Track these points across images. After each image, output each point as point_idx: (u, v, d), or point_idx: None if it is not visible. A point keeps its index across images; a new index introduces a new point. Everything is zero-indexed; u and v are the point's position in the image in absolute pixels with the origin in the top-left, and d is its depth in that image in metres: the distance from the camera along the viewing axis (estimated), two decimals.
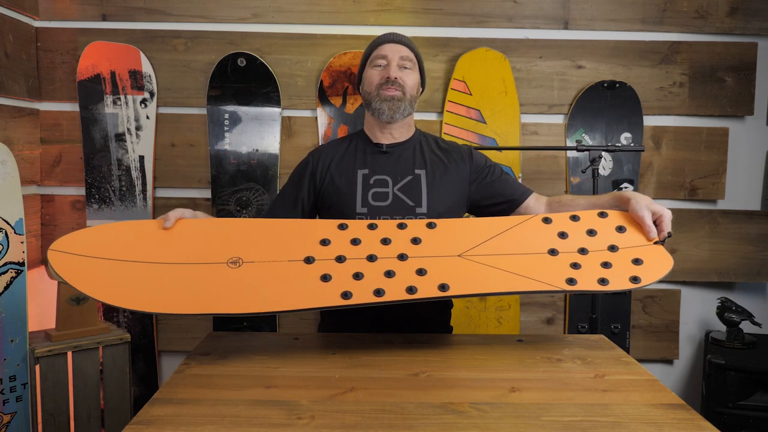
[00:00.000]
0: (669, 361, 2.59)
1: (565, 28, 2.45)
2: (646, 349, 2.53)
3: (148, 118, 2.40)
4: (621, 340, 2.47)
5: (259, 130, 2.41)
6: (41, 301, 2.31)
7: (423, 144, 1.62)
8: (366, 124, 1.65)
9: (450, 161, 1.59)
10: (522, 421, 0.97)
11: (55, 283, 2.02)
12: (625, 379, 1.15)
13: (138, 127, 2.39)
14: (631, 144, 2.41)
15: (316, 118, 2.44)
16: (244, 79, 2.38)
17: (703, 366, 2.49)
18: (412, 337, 1.40)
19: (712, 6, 2.44)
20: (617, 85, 2.42)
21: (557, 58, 2.45)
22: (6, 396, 1.89)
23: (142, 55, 2.37)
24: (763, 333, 2.51)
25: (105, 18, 2.40)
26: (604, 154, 2.36)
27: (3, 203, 1.87)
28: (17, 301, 1.90)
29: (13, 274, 1.89)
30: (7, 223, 1.88)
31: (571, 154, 2.46)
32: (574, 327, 2.48)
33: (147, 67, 2.38)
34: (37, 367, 1.93)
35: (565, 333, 2.51)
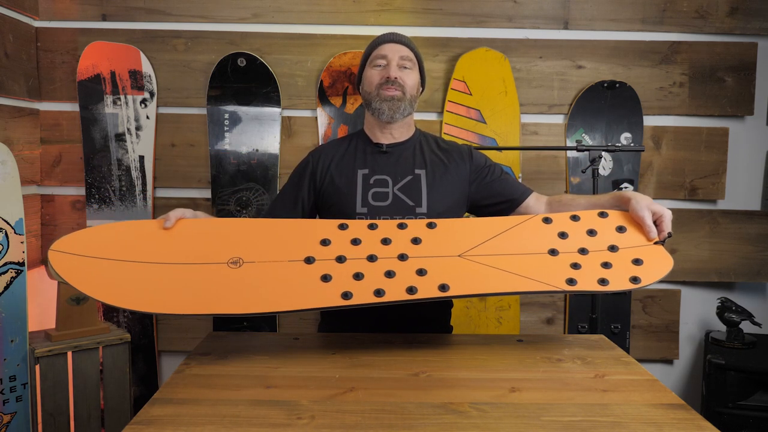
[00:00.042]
0: (669, 361, 2.59)
1: (565, 28, 2.45)
2: (646, 349, 2.53)
3: (148, 118, 2.40)
4: (621, 340, 2.47)
5: (259, 130, 2.41)
6: (41, 301, 2.31)
7: (423, 144, 1.62)
8: (366, 123, 1.65)
9: (450, 161, 1.59)
10: (522, 421, 0.97)
11: (55, 283, 2.02)
12: (625, 379, 1.15)
13: (138, 127, 2.39)
14: (631, 144, 2.41)
15: (316, 118, 2.44)
16: (244, 79, 2.38)
17: (703, 366, 2.49)
18: (412, 337, 1.41)
19: (712, 6, 2.44)
20: (617, 85, 2.42)
21: (557, 58, 2.45)
22: (6, 396, 1.89)
23: (142, 55, 2.37)
24: (763, 333, 2.51)
25: (105, 18, 2.40)
26: (604, 154, 2.36)
27: (3, 203, 1.87)
28: (17, 301, 1.90)
29: (13, 274, 1.89)
30: (7, 223, 1.88)
31: (571, 154, 2.46)
32: (574, 327, 2.48)
33: (147, 67, 2.38)
34: (37, 367, 1.93)
35: (565, 333, 2.51)
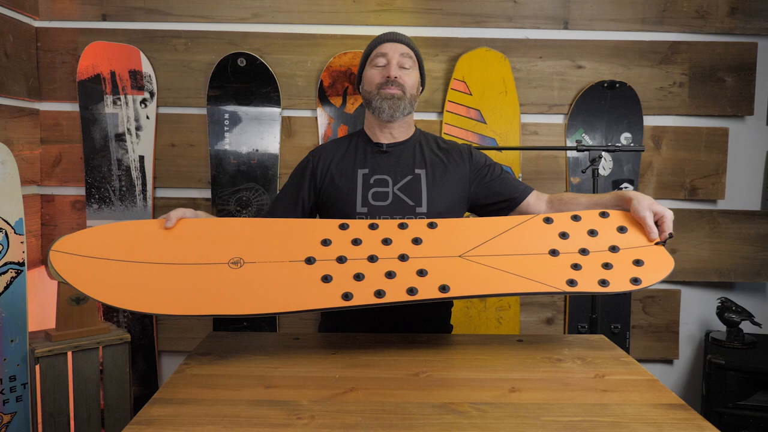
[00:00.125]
0: (669, 361, 2.59)
1: (565, 28, 2.45)
2: (646, 349, 2.53)
3: (148, 118, 2.39)
4: (621, 340, 2.47)
5: (259, 130, 2.41)
6: (41, 301, 2.31)
7: (423, 143, 1.62)
8: (366, 123, 1.65)
9: (450, 161, 1.59)
10: (522, 421, 0.97)
11: (55, 283, 2.02)
12: (625, 379, 1.15)
13: (138, 127, 2.39)
14: (631, 144, 2.40)
15: (316, 118, 2.44)
16: (244, 79, 2.38)
17: (703, 366, 2.49)
18: (412, 337, 1.41)
19: (712, 6, 2.44)
20: (617, 85, 2.42)
21: (557, 58, 2.45)
22: (6, 396, 1.89)
23: (142, 55, 2.37)
24: (763, 333, 2.51)
25: (105, 18, 2.39)
26: (604, 154, 2.36)
27: (3, 203, 1.87)
28: (17, 301, 1.90)
29: (13, 274, 1.89)
30: (7, 223, 1.88)
31: (571, 154, 2.46)
32: (574, 327, 2.48)
33: (147, 67, 2.38)
34: (37, 367, 1.93)
35: (565, 333, 2.51)
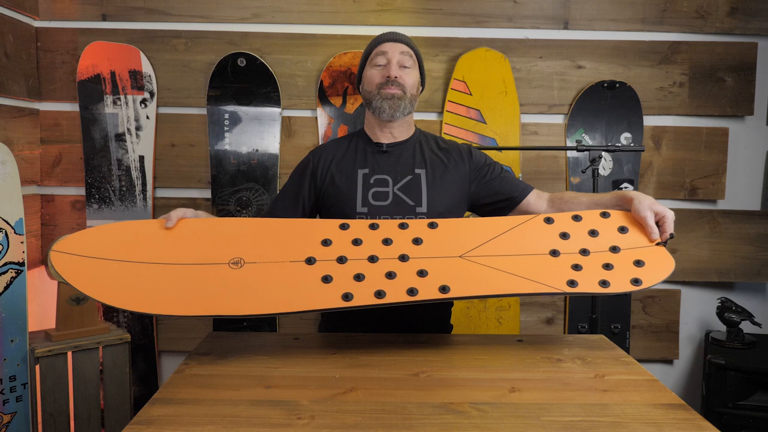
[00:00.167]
0: (669, 361, 2.59)
1: (565, 28, 2.45)
2: (646, 349, 2.53)
3: (148, 118, 2.39)
4: (621, 340, 2.47)
5: (259, 130, 2.41)
6: (41, 301, 2.31)
7: (423, 143, 1.62)
8: (366, 123, 1.65)
9: (450, 161, 1.59)
10: (522, 421, 0.97)
11: (55, 283, 2.02)
12: (625, 379, 1.15)
13: (138, 127, 2.39)
14: (631, 144, 2.40)
15: (316, 118, 2.44)
16: (244, 79, 2.38)
17: (703, 366, 2.49)
18: (412, 337, 1.41)
19: (712, 6, 2.44)
20: (617, 85, 2.42)
21: (557, 58, 2.45)
22: (6, 396, 1.89)
23: (142, 55, 2.37)
24: (763, 333, 2.51)
25: (105, 18, 2.39)
26: (604, 154, 2.36)
27: (3, 203, 1.87)
28: (17, 301, 1.90)
29: (13, 274, 1.89)
30: (7, 223, 1.88)
31: (571, 154, 2.46)
32: (574, 327, 2.48)
33: (147, 67, 2.38)
34: (37, 367, 1.93)
35: (565, 333, 2.51)
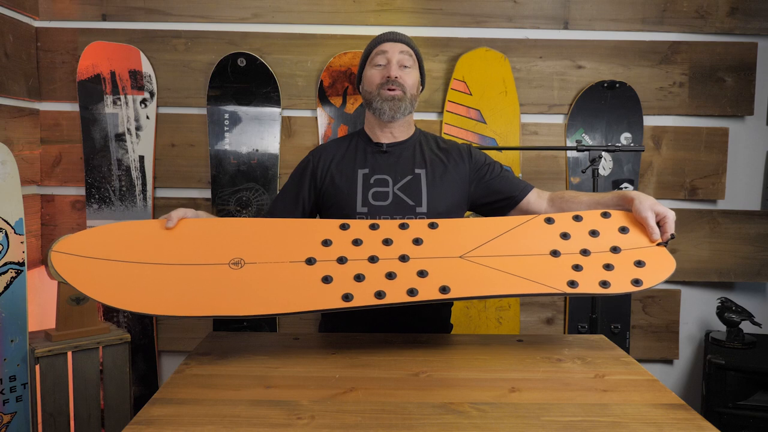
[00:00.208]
0: (669, 361, 2.59)
1: (565, 28, 2.45)
2: (646, 349, 2.53)
3: (148, 118, 2.39)
4: (621, 340, 2.47)
5: (259, 130, 2.41)
6: (41, 301, 2.31)
7: (423, 143, 1.62)
8: (366, 123, 1.65)
9: (450, 161, 1.59)
10: (522, 421, 0.97)
11: (55, 283, 2.02)
12: (625, 379, 1.15)
13: (138, 127, 2.39)
14: (631, 144, 2.40)
15: (316, 118, 2.44)
16: (244, 79, 2.38)
17: (703, 366, 2.49)
18: (412, 337, 1.41)
19: (712, 6, 2.44)
20: (617, 85, 2.42)
21: (557, 58, 2.45)
22: (6, 396, 1.89)
23: (142, 55, 2.37)
24: (763, 333, 2.51)
25: (105, 18, 2.39)
26: (604, 154, 2.36)
27: (3, 203, 1.87)
28: (17, 301, 1.90)
29: (13, 274, 1.89)
30: (7, 223, 1.88)
31: (571, 154, 2.46)
32: (574, 327, 2.48)
33: (147, 67, 2.38)
34: (37, 367, 1.93)
35: (565, 333, 2.51)
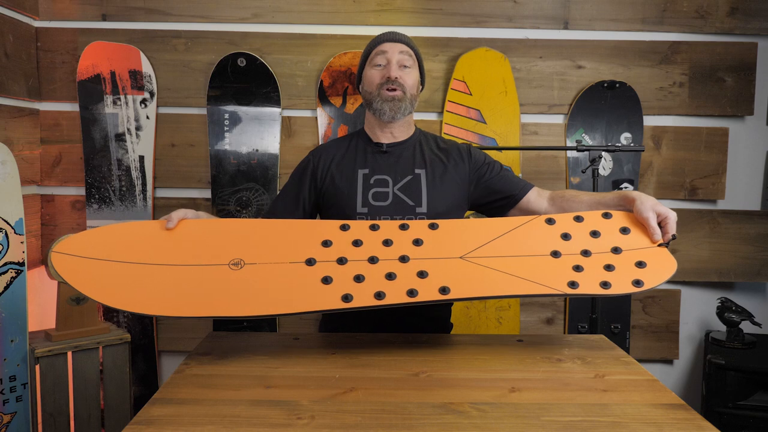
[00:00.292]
0: (669, 361, 2.59)
1: (565, 28, 2.45)
2: (646, 349, 2.53)
3: (148, 118, 2.39)
4: (621, 340, 2.47)
5: (259, 130, 2.41)
6: (41, 301, 2.31)
7: (423, 143, 1.62)
8: (366, 123, 1.65)
9: (450, 161, 1.58)
10: (522, 421, 0.97)
11: (55, 283, 2.02)
12: (625, 379, 1.15)
13: (138, 127, 2.39)
14: (631, 144, 2.40)
15: (316, 118, 2.44)
16: (244, 79, 2.38)
17: (703, 366, 2.49)
18: (412, 337, 1.41)
19: (712, 6, 2.44)
20: (617, 85, 2.42)
21: (557, 58, 2.45)
22: (6, 396, 1.89)
23: (142, 55, 2.37)
24: (763, 333, 2.51)
25: (105, 18, 2.39)
26: (604, 154, 2.36)
27: (3, 203, 1.87)
28: (17, 301, 1.90)
29: (13, 274, 1.89)
30: (7, 223, 1.88)
31: (571, 154, 2.46)
32: (574, 327, 2.48)
33: (147, 67, 2.38)
34: (37, 367, 1.93)
35: (565, 333, 2.51)
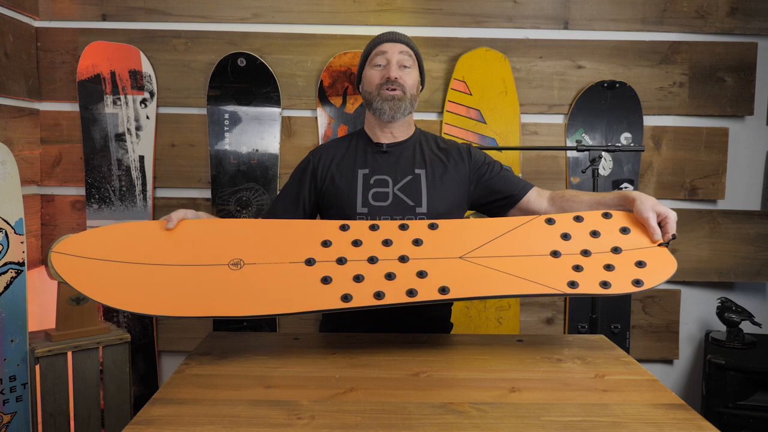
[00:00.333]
0: (669, 361, 2.59)
1: (565, 28, 2.45)
2: (646, 349, 2.53)
3: (148, 118, 2.39)
4: (621, 340, 2.47)
5: (259, 130, 2.41)
6: (41, 301, 2.31)
7: (423, 143, 1.62)
8: (366, 123, 1.65)
9: (450, 161, 1.59)
10: (522, 421, 0.97)
11: (55, 283, 2.02)
12: (625, 379, 1.15)
13: (138, 127, 2.39)
14: (631, 144, 2.40)
15: (316, 118, 2.44)
16: (244, 79, 2.38)
17: (703, 366, 2.49)
18: (412, 337, 1.41)
19: (712, 6, 2.44)
20: (617, 85, 2.42)
21: (557, 58, 2.45)
22: (6, 396, 1.89)
23: (142, 55, 2.37)
24: (763, 333, 2.51)
25: (105, 18, 2.40)
26: (604, 154, 2.36)
27: (3, 203, 1.87)
28: (17, 301, 1.90)
29: (13, 274, 1.89)
30: (7, 223, 1.88)
31: (571, 154, 2.46)
32: (574, 327, 2.48)
33: (147, 67, 2.38)
34: (37, 367, 1.93)
35: (565, 333, 2.51)
